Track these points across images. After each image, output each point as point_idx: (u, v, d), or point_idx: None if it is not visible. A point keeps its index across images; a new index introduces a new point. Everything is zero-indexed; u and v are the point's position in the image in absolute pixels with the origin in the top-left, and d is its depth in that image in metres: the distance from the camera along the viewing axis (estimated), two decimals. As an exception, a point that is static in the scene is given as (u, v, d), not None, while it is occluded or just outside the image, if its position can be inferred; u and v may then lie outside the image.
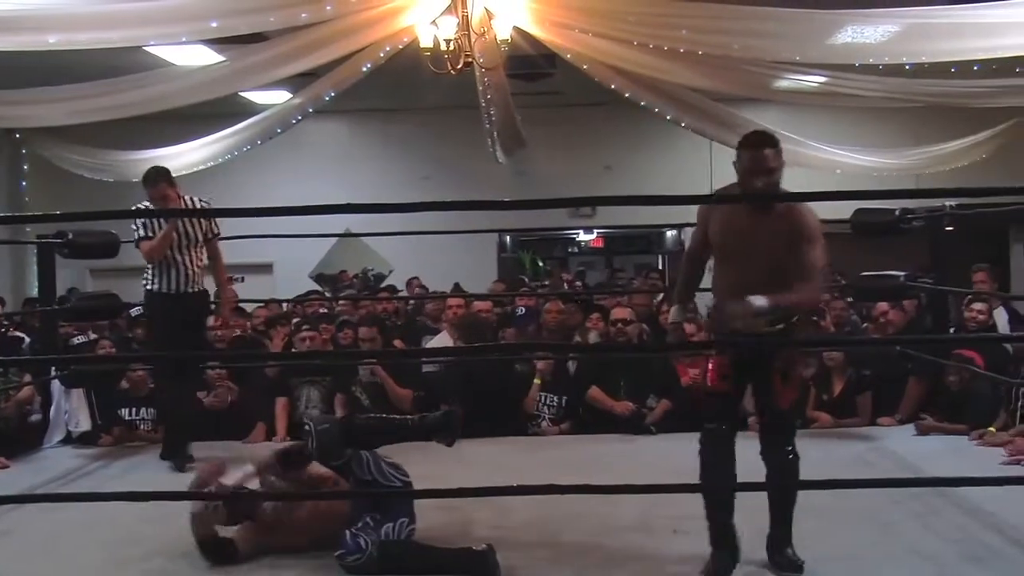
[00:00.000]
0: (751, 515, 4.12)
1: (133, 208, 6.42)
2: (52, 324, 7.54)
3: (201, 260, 6.38)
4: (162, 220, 6.20)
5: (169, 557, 4.19)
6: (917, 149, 11.74)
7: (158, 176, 6.21)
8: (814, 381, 7.08)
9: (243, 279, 11.87)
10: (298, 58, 8.11)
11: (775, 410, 4.17)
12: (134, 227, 6.30)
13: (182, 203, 6.28)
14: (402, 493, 4.36)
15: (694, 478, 4.10)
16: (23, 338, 7.99)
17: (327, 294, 11.72)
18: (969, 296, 7.19)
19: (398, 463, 4.41)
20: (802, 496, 4.48)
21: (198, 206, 6.40)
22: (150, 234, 6.22)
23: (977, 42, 7.08)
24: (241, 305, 8.68)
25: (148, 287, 6.34)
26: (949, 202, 7.73)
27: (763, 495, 4.19)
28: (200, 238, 6.34)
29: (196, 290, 6.38)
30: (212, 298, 6.82)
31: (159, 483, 5.90)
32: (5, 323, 8.09)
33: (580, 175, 13.83)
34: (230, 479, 4.37)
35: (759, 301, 3.79)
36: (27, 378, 7.03)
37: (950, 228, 7.38)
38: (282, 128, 9.99)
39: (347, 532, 4.17)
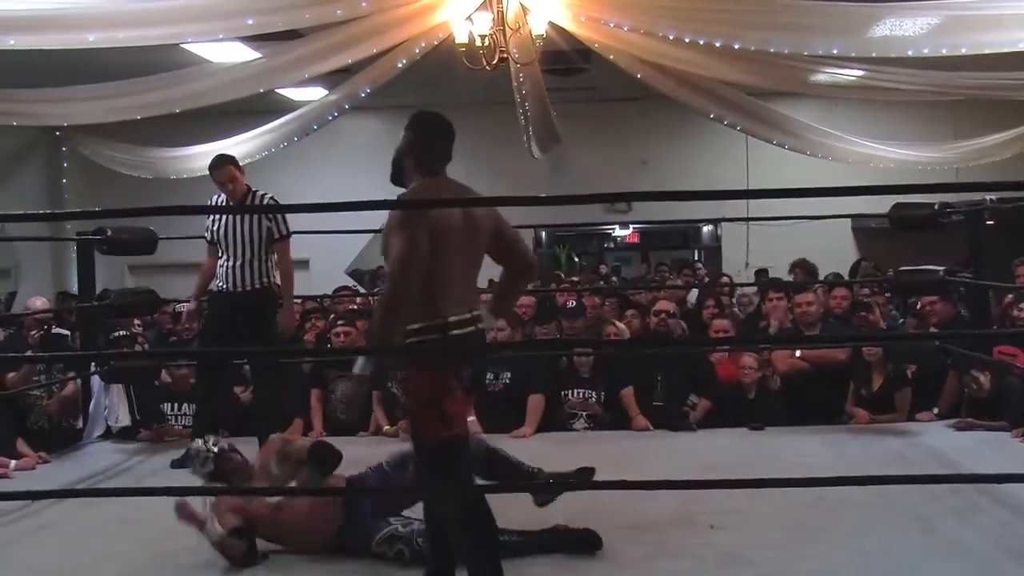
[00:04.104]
0: (790, 509, 4.09)
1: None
2: (92, 320, 7.60)
3: (258, 258, 6.17)
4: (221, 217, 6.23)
5: (207, 552, 4.22)
6: (956, 143, 11.60)
7: (223, 159, 6.26)
8: (855, 377, 7.00)
9: None
10: (334, 55, 8.14)
11: None
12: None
13: (246, 187, 6.28)
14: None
15: (732, 474, 4.07)
16: (65, 334, 8.06)
17: (361, 290, 11.73)
18: (1011, 295, 7.06)
19: None
20: (840, 491, 4.45)
21: (266, 202, 6.30)
22: (205, 236, 6.27)
23: (1017, 33, 7.00)
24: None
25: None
26: (989, 196, 7.60)
27: (787, 491, 4.14)
28: (263, 236, 6.17)
29: (252, 288, 6.19)
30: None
31: (197, 479, 5.94)
32: (51, 320, 8.12)
33: (616, 170, 13.81)
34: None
35: None
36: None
37: (991, 222, 7.28)
38: (318, 125, 10.03)
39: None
